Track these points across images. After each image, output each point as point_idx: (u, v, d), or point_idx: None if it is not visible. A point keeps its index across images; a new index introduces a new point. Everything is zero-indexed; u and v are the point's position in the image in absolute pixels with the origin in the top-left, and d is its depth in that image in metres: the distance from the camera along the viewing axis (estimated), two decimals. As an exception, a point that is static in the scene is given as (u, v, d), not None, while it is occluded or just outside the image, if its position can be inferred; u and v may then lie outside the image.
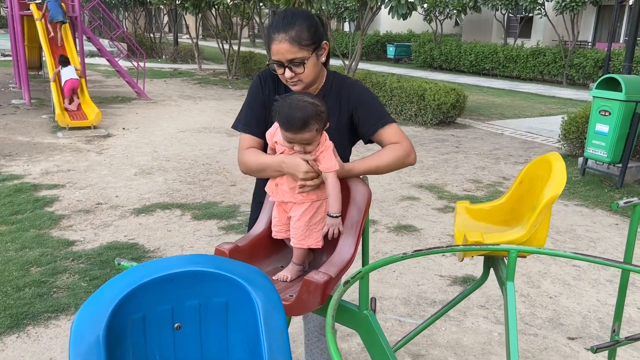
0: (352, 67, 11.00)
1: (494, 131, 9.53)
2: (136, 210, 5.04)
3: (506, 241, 1.77)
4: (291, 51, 1.73)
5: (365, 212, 1.76)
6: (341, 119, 1.91)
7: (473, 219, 2.14)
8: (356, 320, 1.68)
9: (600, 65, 15.79)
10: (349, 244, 1.71)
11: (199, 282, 1.16)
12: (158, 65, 20.21)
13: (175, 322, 1.17)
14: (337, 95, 1.91)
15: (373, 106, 1.90)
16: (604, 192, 5.93)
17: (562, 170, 1.80)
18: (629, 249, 2.08)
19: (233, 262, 1.26)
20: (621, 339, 2.13)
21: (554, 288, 3.74)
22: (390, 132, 1.87)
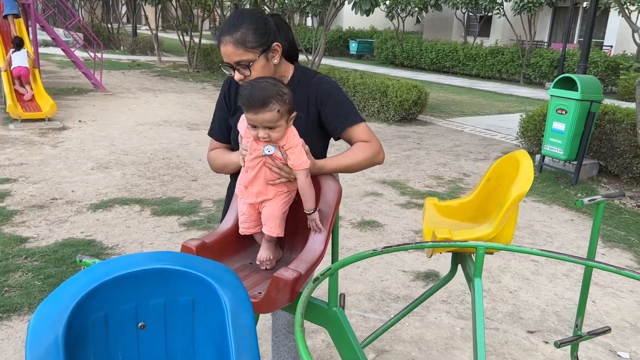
0: (315, 62, 10.97)
1: (454, 128, 9.69)
2: (93, 206, 4.88)
3: (474, 238, 1.78)
4: (236, 53, 1.73)
5: (336, 209, 1.74)
6: (309, 114, 1.88)
7: (441, 215, 2.15)
8: (325, 317, 1.66)
9: (555, 65, 16.27)
10: (319, 241, 1.69)
11: (164, 280, 1.11)
12: (116, 57, 19.67)
13: (139, 321, 1.12)
14: (305, 91, 1.89)
15: (342, 104, 1.88)
16: (560, 188, 6.11)
17: (529, 169, 1.82)
18: (592, 246, 2.13)
19: (200, 259, 1.22)
20: (583, 333, 2.19)
21: (513, 283, 3.82)
22: (360, 131, 1.86)
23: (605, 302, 3.60)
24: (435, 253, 2.04)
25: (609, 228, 4.94)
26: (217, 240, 1.75)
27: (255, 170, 1.70)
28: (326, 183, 1.75)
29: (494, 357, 2.96)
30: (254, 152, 1.68)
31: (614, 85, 15.12)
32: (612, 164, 6.47)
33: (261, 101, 1.57)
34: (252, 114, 1.59)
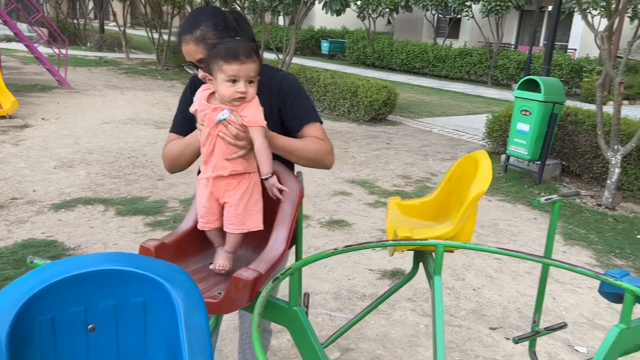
0: (286, 61, 10.95)
1: (423, 128, 9.79)
2: (55, 206, 4.77)
3: (434, 236, 1.80)
4: (198, 51, 1.72)
5: (298, 208, 1.73)
6: (272, 111, 1.87)
7: (404, 214, 2.17)
8: (286, 317, 1.66)
9: (522, 67, 16.60)
10: (281, 240, 1.67)
11: (114, 281, 1.09)
12: (82, 53, 19.25)
13: (89, 324, 1.10)
14: (268, 88, 1.87)
15: (303, 101, 1.87)
16: (524, 188, 6.24)
17: (487, 168, 1.86)
18: (549, 244, 2.18)
19: (151, 260, 1.20)
20: (541, 329, 2.24)
21: (477, 280, 3.89)
22: (315, 130, 1.84)
23: (565, 299, 3.69)
24: (397, 251, 2.06)
25: (570, 226, 5.07)
26: (177, 240, 1.71)
27: (212, 144, 1.62)
28: (288, 182, 1.75)
29: (457, 353, 3.00)
30: (211, 123, 1.61)
31: (578, 88, 15.52)
32: (574, 164, 6.64)
33: (247, 52, 1.55)
34: (238, 65, 1.54)
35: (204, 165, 1.68)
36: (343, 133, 8.89)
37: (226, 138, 1.59)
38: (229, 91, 1.56)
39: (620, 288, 1.49)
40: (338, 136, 8.60)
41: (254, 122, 1.58)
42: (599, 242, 4.74)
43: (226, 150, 1.62)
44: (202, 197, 1.70)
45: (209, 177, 1.66)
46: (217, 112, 1.59)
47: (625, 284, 1.47)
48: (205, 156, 1.66)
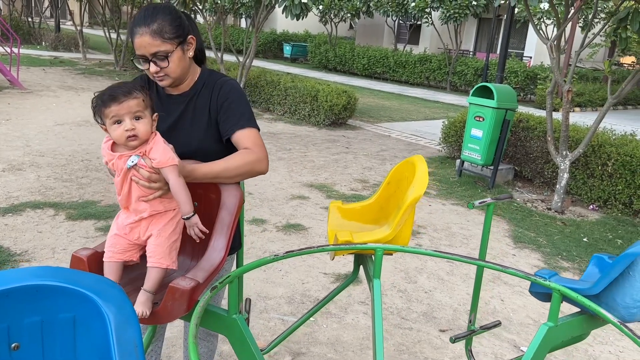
0: (246, 64, 10.90)
1: (382, 133, 9.91)
2: (2, 210, 4.61)
3: (373, 240, 1.83)
4: (153, 44, 1.70)
5: (237, 215, 1.72)
6: (210, 118, 1.86)
7: (345, 218, 2.20)
8: (225, 325, 1.65)
9: (479, 73, 17.01)
10: (219, 248, 1.65)
11: (40, 297, 1.05)
12: (37, 52, 18.68)
13: (12, 342, 1.06)
14: (209, 94, 1.87)
15: (236, 107, 1.85)
16: (477, 192, 6.39)
17: (424, 173, 1.90)
18: (483, 246, 2.24)
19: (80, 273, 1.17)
20: (477, 328, 2.30)
21: (429, 283, 3.96)
22: (246, 135, 1.81)
23: (513, 301, 3.80)
24: (338, 255, 2.08)
25: (520, 230, 5.22)
26: None
27: (128, 190, 1.62)
28: (226, 189, 1.74)
29: (406, 355, 3.05)
30: (120, 171, 1.60)
31: (533, 94, 16.00)
32: (526, 169, 6.84)
33: (125, 90, 1.56)
34: (117, 105, 1.54)
35: (125, 211, 1.67)
36: (303, 137, 8.91)
37: (140, 182, 1.59)
38: (118, 133, 1.56)
39: (548, 288, 1.55)
40: (298, 140, 8.61)
41: (164, 163, 1.57)
42: (548, 245, 4.90)
43: (142, 193, 1.62)
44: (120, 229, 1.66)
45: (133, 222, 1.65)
46: (123, 159, 1.58)
47: (552, 284, 1.54)
48: (124, 202, 1.65)
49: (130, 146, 1.58)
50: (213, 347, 2.29)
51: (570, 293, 1.49)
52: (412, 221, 1.94)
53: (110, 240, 1.67)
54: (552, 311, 1.55)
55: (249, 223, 4.80)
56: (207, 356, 2.29)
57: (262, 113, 10.89)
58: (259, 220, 4.90)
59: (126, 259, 1.65)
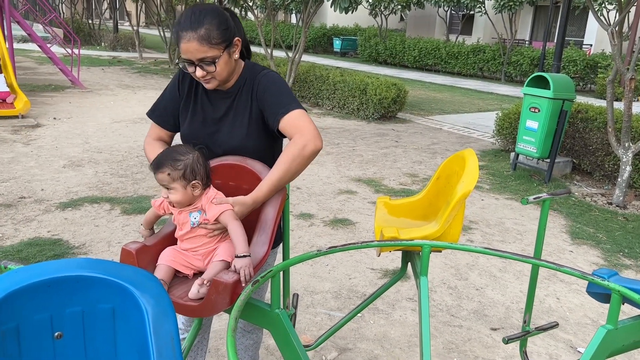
0: (295, 59, 10.94)
1: (433, 126, 9.72)
2: (62, 205, 4.82)
3: (420, 236, 1.78)
4: (201, 50, 1.69)
5: (280, 211, 1.72)
6: (251, 113, 1.86)
7: (392, 214, 2.15)
8: (268, 320, 1.64)
9: (536, 63, 16.41)
10: (262, 243, 1.66)
11: (81, 287, 1.08)
12: (96, 53, 19.45)
13: (55, 331, 1.08)
14: (250, 89, 1.87)
15: (277, 96, 1.82)
16: (533, 186, 6.16)
17: (474, 167, 1.83)
18: (539, 244, 2.14)
19: (120, 265, 1.18)
20: (531, 329, 2.21)
21: (480, 280, 3.84)
22: (290, 121, 1.76)
23: (570, 299, 3.63)
24: (384, 252, 2.04)
25: (579, 225, 5.00)
26: (159, 243, 1.72)
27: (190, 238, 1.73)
28: None
29: (456, 354, 2.97)
30: (183, 225, 1.72)
31: (593, 84, 15.29)
32: (585, 161, 6.54)
33: (155, 165, 1.68)
34: (154, 174, 1.70)
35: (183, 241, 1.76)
36: (351, 131, 8.86)
37: (214, 233, 1.71)
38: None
39: (607, 288, 1.46)
40: (346, 134, 8.57)
41: (213, 216, 1.66)
42: (608, 242, 4.66)
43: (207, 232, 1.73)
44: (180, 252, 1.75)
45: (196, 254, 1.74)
46: (183, 213, 1.71)
47: (612, 284, 1.44)
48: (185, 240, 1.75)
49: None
50: (258, 340, 2.31)
51: (632, 294, 1.39)
52: (461, 217, 1.87)
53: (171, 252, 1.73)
54: (612, 313, 1.45)
55: (297, 217, 4.81)
56: (253, 348, 2.30)
57: (310, 108, 10.91)
58: (306, 214, 4.90)
59: (181, 269, 1.70)
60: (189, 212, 1.70)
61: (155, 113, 2.00)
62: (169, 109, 1.96)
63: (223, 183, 1.80)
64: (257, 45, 22.36)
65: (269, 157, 1.89)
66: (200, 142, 1.82)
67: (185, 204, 1.70)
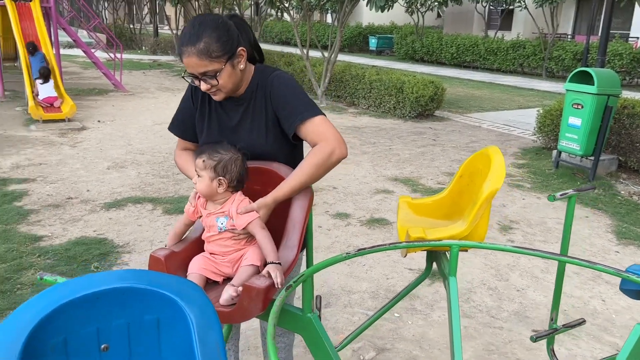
0: (331, 59, 10.95)
1: (472, 124, 9.57)
2: (107, 205, 4.98)
3: (447, 236, 1.76)
4: (201, 64, 1.66)
5: (308, 211, 1.71)
6: (268, 118, 1.83)
7: (415, 214, 2.12)
8: (300, 324, 1.63)
9: (579, 57, 15.93)
10: (292, 245, 1.64)
11: (126, 299, 1.09)
12: (137, 57, 19.95)
13: (102, 343, 1.10)
14: (262, 94, 1.83)
15: (292, 100, 1.79)
16: (576, 184, 5.99)
17: (501, 165, 1.80)
18: (565, 240, 2.09)
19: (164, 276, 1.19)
20: (559, 326, 2.17)
21: (521, 281, 3.77)
22: (311, 128, 1.75)
23: (616, 301, 3.52)
24: (411, 252, 2.02)
25: (625, 225, 4.84)
26: (186, 249, 1.72)
27: (219, 236, 1.73)
28: None
29: (496, 356, 2.93)
30: (210, 229, 1.72)
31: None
32: (631, 159, 6.31)
33: (199, 150, 1.72)
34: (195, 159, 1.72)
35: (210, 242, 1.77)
36: (387, 130, 8.82)
37: (239, 237, 1.72)
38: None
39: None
40: (382, 133, 8.53)
41: (244, 223, 1.66)
42: (656, 242, 4.49)
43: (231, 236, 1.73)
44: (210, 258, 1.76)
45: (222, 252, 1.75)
46: (211, 217, 1.71)
47: None
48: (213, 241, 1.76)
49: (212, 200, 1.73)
50: (290, 342, 2.32)
51: None
52: (488, 216, 1.85)
53: (201, 260, 1.73)
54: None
55: (333, 217, 4.83)
56: (285, 350, 2.32)
57: (346, 107, 10.91)
58: (342, 214, 4.91)
59: (211, 276, 1.71)
60: (217, 216, 1.70)
61: (174, 125, 2.01)
62: (187, 121, 1.95)
63: (249, 186, 1.80)
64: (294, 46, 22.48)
65: (291, 163, 1.86)
66: None
67: (208, 197, 1.71)
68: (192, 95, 1.92)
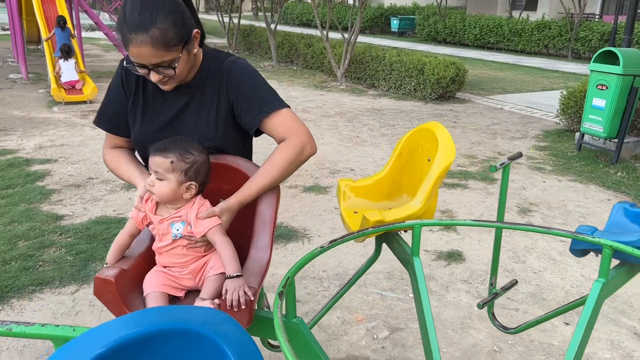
0: (351, 40, 10.85)
1: (494, 106, 9.43)
2: (126, 185, 5.05)
3: (405, 216, 1.70)
4: (156, 55, 1.42)
5: (277, 209, 1.56)
6: (220, 109, 1.61)
7: (357, 196, 2.02)
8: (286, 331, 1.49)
9: (606, 38, 15.52)
10: (264, 247, 1.48)
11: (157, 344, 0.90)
12: (159, 39, 20.02)
13: None
14: (216, 82, 1.61)
15: (256, 90, 1.60)
16: (598, 167, 5.88)
17: (448, 138, 1.75)
18: (501, 208, 2.11)
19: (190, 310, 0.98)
20: (498, 290, 2.26)
21: (539, 263, 3.73)
22: (279, 121, 1.59)
23: (635, 284, 3.46)
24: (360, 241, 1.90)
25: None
26: (136, 265, 1.50)
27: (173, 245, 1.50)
28: None
29: (511, 337, 2.92)
30: (163, 237, 1.49)
31: (670, 59, 14.30)
32: (657, 141, 6.16)
33: (163, 146, 1.45)
34: (151, 156, 1.46)
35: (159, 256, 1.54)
36: (407, 112, 8.74)
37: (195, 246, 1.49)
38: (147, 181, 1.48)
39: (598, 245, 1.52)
40: (402, 115, 8.46)
41: (205, 229, 1.45)
42: (680, 226, 4.39)
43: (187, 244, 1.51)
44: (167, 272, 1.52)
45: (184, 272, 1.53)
46: (164, 223, 1.47)
47: (603, 240, 1.50)
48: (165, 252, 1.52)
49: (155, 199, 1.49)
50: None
51: (626, 248, 1.45)
52: (437, 192, 1.82)
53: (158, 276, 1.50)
54: (603, 268, 1.50)
55: (351, 199, 4.82)
56: None
57: (366, 89, 10.83)
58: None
59: (173, 292, 1.50)
60: (171, 222, 1.47)
61: (103, 119, 1.71)
62: (119, 113, 1.68)
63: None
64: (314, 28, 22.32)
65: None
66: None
67: (168, 202, 1.47)
68: (122, 83, 1.64)
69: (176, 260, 1.50)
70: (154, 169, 1.44)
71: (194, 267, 1.50)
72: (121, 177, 1.69)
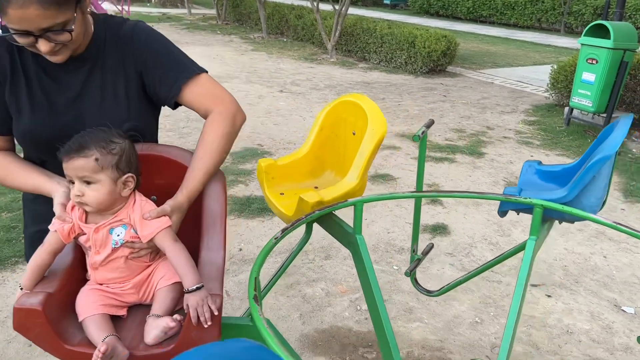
0: (342, 12, 10.69)
1: (484, 80, 9.38)
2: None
3: (342, 194, 1.62)
4: (46, 16, 1.15)
5: (225, 201, 1.37)
6: (129, 83, 1.37)
7: (280, 176, 1.92)
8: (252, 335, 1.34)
9: (599, 12, 15.42)
10: (217, 247, 1.30)
11: None
12: (146, 10, 19.65)
13: None
14: (117, 52, 1.36)
15: (168, 57, 1.38)
16: (587, 142, 5.89)
17: (376, 109, 1.70)
18: (420, 177, 2.13)
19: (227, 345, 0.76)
20: (420, 256, 2.32)
21: (523, 236, 3.75)
22: (200, 90, 1.38)
23: (618, 258, 3.51)
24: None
25: (633, 183, 4.76)
26: (63, 286, 1.22)
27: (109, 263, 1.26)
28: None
29: (492, 308, 2.95)
30: (101, 247, 1.23)
31: (662, 34, 14.26)
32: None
33: (77, 145, 1.19)
34: (65, 163, 1.20)
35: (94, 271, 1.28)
36: (398, 86, 8.68)
37: (139, 253, 1.26)
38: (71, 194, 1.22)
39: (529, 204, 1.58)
40: (392, 89, 8.40)
41: (154, 232, 1.23)
42: (665, 200, 4.43)
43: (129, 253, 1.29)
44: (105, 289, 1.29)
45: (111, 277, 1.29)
46: (102, 231, 1.23)
47: (535, 200, 1.57)
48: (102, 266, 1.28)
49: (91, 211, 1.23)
50: None
51: (556, 206, 1.53)
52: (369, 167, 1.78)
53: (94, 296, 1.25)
54: (535, 226, 1.57)
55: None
56: None
57: (357, 62, 10.72)
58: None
59: (114, 312, 1.25)
60: (110, 227, 1.23)
61: None
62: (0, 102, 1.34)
63: None
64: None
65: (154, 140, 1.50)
66: (57, 139, 1.24)
67: (105, 208, 1.23)
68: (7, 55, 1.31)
69: (117, 275, 1.26)
70: (77, 175, 1.19)
71: (138, 279, 1.27)
72: (18, 187, 1.36)
